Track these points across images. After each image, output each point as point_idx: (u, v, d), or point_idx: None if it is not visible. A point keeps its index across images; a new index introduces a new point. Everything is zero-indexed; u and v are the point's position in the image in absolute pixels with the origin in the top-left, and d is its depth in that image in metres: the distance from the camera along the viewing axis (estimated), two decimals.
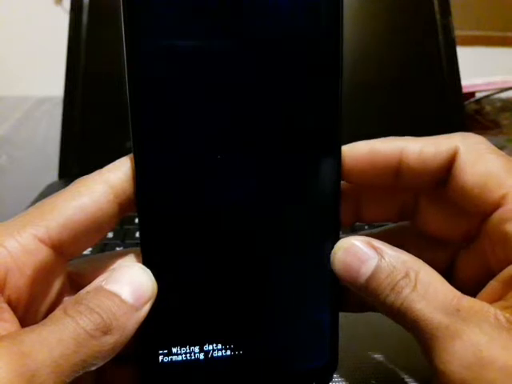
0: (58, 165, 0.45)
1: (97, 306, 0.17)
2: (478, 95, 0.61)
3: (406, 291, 0.19)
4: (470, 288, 0.20)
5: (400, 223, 0.24)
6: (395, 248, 0.20)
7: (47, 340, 0.16)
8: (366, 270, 0.19)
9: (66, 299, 0.20)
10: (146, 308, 0.19)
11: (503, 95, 0.63)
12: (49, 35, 0.65)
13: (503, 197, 0.19)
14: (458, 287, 0.19)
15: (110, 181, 0.20)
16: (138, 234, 0.36)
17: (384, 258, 0.20)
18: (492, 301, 0.19)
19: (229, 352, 0.21)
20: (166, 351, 0.21)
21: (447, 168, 0.21)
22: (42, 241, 0.18)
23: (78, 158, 0.45)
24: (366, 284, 0.19)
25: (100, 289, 0.18)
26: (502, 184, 0.20)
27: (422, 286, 0.19)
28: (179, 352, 0.21)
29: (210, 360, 0.21)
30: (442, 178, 0.21)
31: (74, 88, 0.45)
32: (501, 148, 0.21)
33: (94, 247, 0.33)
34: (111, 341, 0.17)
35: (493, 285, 0.20)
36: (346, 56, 0.20)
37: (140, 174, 0.20)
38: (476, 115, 0.61)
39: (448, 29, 0.47)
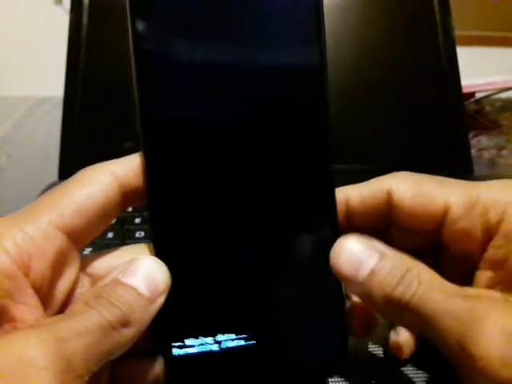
0: (57, 165, 0.45)
1: (116, 300, 0.18)
2: (478, 95, 0.61)
3: (414, 284, 0.19)
4: (458, 282, 0.21)
5: None
6: (392, 248, 0.21)
7: (78, 329, 0.17)
8: (368, 264, 0.20)
9: (80, 290, 0.21)
10: (161, 300, 0.19)
11: (503, 95, 0.63)
12: (49, 35, 0.65)
13: (445, 203, 0.21)
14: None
15: (115, 172, 0.20)
16: (138, 234, 0.36)
17: (383, 257, 0.20)
18: (486, 286, 0.20)
19: (242, 342, 0.21)
20: (179, 343, 0.21)
21: (387, 204, 0.22)
22: (57, 227, 0.19)
23: (77, 158, 0.45)
24: (368, 278, 0.20)
25: (117, 282, 0.19)
26: (438, 194, 0.22)
27: (426, 280, 0.19)
28: (193, 343, 0.21)
29: (222, 350, 0.21)
30: (386, 212, 0.23)
31: (74, 88, 0.45)
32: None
33: (93, 247, 0.33)
34: (129, 332, 0.18)
35: (479, 274, 0.21)
36: (345, 56, 0.21)
37: (150, 169, 0.20)
38: (476, 115, 0.61)
39: (448, 29, 0.47)
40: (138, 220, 0.38)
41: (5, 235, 0.18)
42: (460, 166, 0.45)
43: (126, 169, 0.20)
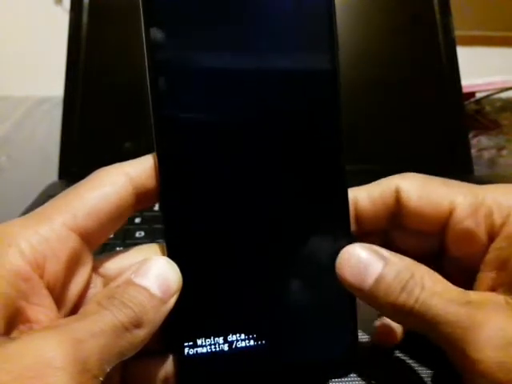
0: (57, 165, 0.45)
1: (129, 301, 0.18)
2: (478, 95, 0.61)
3: (417, 290, 0.19)
4: (461, 285, 0.21)
5: None
6: (397, 254, 0.21)
7: (93, 330, 0.17)
8: (373, 272, 0.20)
9: (92, 291, 0.21)
10: (173, 301, 0.20)
11: (503, 95, 0.63)
12: (49, 35, 0.65)
13: (451, 203, 0.22)
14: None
15: (129, 173, 0.20)
16: (138, 234, 0.36)
17: (388, 263, 0.20)
18: (488, 289, 0.21)
19: (252, 342, 0.22)
20: (191, 343, 0.21)
21: (395, 202, 0.23)
22: (70, 228, 0.19)
23: (77, 158, 0.45)
24: (374, 286, 0.20)
25: (130, 282, 0.19)
26: (445, 194, 0.22)
27: (429, 285, 0.19)
28: (204, 344, 0.21)
29: (233, 350, 0.22)
30: (394, 212, 0.23)
31: (74, 88, 0.45)
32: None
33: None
34: (142, 333, 0.18)
35: (481, 276, 0.21)
36: (346, 56, 0.21)
37: (163, 171, 0.20)
38: (476, 115, 0.61)
39: (448, 29, 0.47)
40: (138, 220, 0.38)
41: (20, 237, 0.18)
42: (460, 166, 0.45)
43: (140, 170, 0.20)
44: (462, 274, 0.22)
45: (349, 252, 0.21)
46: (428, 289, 0.19)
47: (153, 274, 0.19)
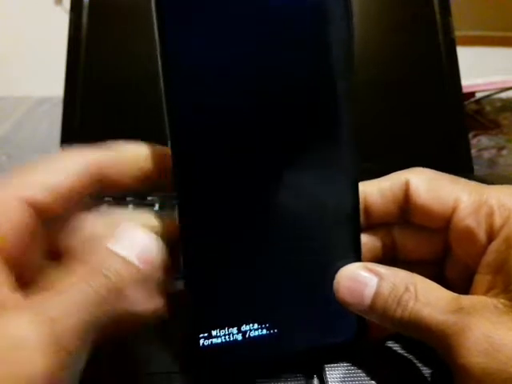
0: None
1: (107, 270, 0.18)
2: (478, 95, 0.61)
3: (411, 303, 0.20)
4: (462, 286, 0.22)
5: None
6: (390, 267, 0.22)
7: (68, 306, 0.17)
8: (369, 291, 0.21)
9: (52, 262, 0.20)
10: (151, 270, 0.19)
11: (503, 95, 0.63)
12: (49, 35, 0.65)
13: (455, 199, 0.22)
14: (451, 287, 0.21)
15: (88, 156, 0.20)
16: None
17: (383, 278, 0.21)
18: (484, 291, 0.21)
19: (264, 331, 0.23)
20: (206, 335, 0.22)
21: (404, 195, 0.23)
22: (27, 202, 0.19)
23: None
24: (372, 304, 0.21)
25: (106, 251, 0.19)
26: (451, 191, 0.23)
27: (422, 296, 0.20)
28: (218, 334, 0.22)
29: (247, 340, 0.22)
30: (403, 206, 0.24)
31: (74, 88, 0.45)
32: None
33: None
34: (121, 304, 0.18)
35: (478, 278, 0.21)
36: None
37: (178, 164, 0.20)
38: (476, 115, 0.61)
39: (448, 28, 0.47)
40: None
41: None
42: (460, 166, 0.45)
43: (103, 157, 0.20)
44: (465, 276, 0.22)
45: (345, 274, 0.22)
46: (421, 299, 0.20)
47: (131, 243, 0.19)
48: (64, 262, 0.20)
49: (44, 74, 0.63)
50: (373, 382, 0.23)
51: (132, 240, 0.19)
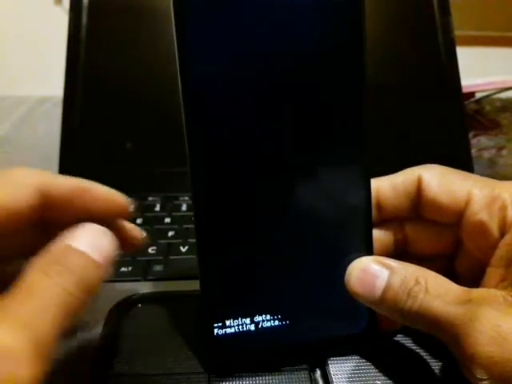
0: (58, 165, 0.45)
1: (74, 266, 0.18)
2: (478, 95, 0.61)
3: (421, 295, 0.20)
4: (472, 280, 0.22)
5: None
6: (401, 261, 0.22)
7: (42, 308, 0.17)
8: (380, 283, 0.21)
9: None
10: (108, 265, 0.20)
11: (503, 95, 0.63)
12: (49, 35, 0.65)
13: (468, 194, 0.23)
14: (461, 282, 0.21)
15: (38, 179, 0.20)
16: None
17: (394, 271, 0.21)
18: (495, 284, 0.21)
19: (277, 322, 0.23)
20: (220, 324, 0.23)
21: (417, 190, 0.24)
22: None
23: (77, 158, 0.45)
24: (382, 296, 0.21)
25: (69, 248, 0.19)
26: (463, 186, 0.23)
27: (432, 289, 0.20)
28: (232, 324, 0.23)
29: (259, 330, 0.23)
30: (415, 202, 0.24)
31: (74, 88, 0.45)
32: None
33: None
34: (87, 298, 0.18)
35: (489, 271, 0.22)
36: None
37: (194, 166, 0.21)
38: (476, 115, 0.61)
39: (448, 28, 0.47)
40: (139, 221, 0.38)
41: None
42: (460, 166, 0.45)
43: (52, 180, 0.21)
44: (475, 270, 0.23)
45: (357, 266, 0.22)
46: (431, 292, 0.20)
47: (86, 240, 0.19)
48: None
49: (44, 73, 0.63)
50: (375, 375, 0.23)
51: (88, 237, 0.20)
